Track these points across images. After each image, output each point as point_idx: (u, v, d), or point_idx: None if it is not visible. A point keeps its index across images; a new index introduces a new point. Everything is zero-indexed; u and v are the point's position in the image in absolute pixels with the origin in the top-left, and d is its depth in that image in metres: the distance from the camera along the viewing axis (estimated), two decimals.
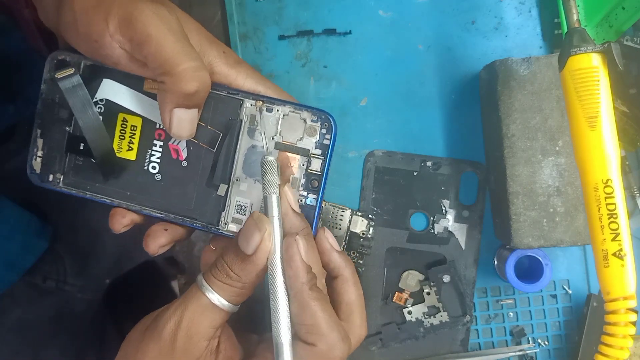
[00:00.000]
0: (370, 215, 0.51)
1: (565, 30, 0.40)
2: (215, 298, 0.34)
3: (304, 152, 0.36)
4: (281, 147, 0.37)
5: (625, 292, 0.37)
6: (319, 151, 0.36)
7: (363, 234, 0.51)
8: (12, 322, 0.61)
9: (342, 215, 0.51)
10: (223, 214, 0.38)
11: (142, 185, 0.38)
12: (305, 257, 0.33)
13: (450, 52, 0.51)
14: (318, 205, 0.37)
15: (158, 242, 0.38)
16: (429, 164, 0.51)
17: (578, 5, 0.43)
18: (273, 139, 0.37)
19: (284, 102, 0.36)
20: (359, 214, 0.51)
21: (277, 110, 0.36)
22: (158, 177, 0.38)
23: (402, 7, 0.52)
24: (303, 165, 0.37)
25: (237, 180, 0.37)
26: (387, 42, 0.52)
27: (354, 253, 0.51)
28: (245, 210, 0.37)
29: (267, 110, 0.37)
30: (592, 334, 0.48)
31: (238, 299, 0.34)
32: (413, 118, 0.52)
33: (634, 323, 0.37)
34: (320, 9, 0.52)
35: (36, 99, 0.39)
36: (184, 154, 0.37)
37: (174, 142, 0.38)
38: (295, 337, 0.33)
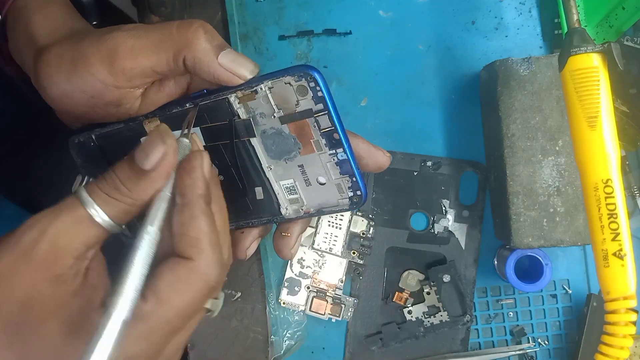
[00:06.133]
0: (370, 215, 0.51)
1: (565, 30, 0.40)
2: (97, 212, 0.29)
3: (308, 114, 0.34)
4: (285, 119, 0.35)
5: (625, 291, 0.37)
6: (320, 106, 0.34)
7: (363, 233, 0.51)
8: None
9: (342, 215, 0.51)
10: (278, 203, 0.38)
11: None
12: (206, 173, 0.31)
13: (450, 52, 0.51)
14: (350, 156, 0.35)
15: (242, 245, 0.39)
16: (429, 164, 0.51)
17: (578, 5, 0.43)
18: (274, 116, 0.35)
19: (260, 80, 0.34)
20: (359, 213, 0.51)
21: (261, 89, 0.34)
22: None
23: (402, 7, 0.52)
24: (315, 127, 0.35)
25: (270, 168, 0.37)
26: (387, 42, 0.52)
27: (354, 253, 0.51)
28: (294, 189, 0.37)
29: (252, 93, 0.35)
30: (592, 333, 0.48)
31: (123, 217, 0.31)
32: (413, 118, 0.52)
33: (634, 323, 0.37)
34: (320, 9, 0.52)
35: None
36: (216, 171, 0.38)
37: None
38: (172, 254, 0.30)
